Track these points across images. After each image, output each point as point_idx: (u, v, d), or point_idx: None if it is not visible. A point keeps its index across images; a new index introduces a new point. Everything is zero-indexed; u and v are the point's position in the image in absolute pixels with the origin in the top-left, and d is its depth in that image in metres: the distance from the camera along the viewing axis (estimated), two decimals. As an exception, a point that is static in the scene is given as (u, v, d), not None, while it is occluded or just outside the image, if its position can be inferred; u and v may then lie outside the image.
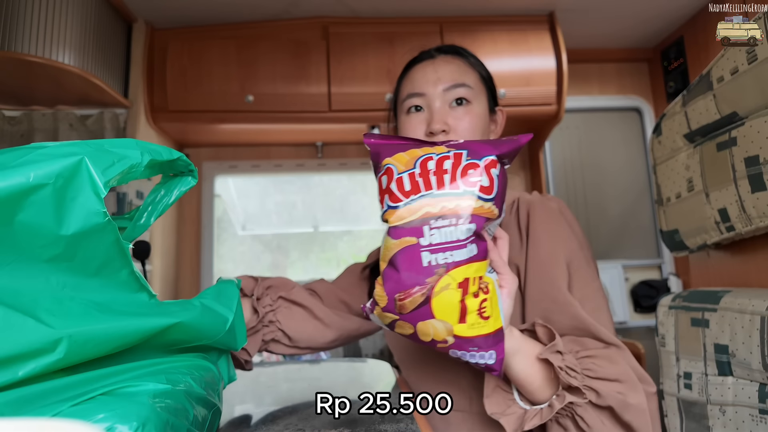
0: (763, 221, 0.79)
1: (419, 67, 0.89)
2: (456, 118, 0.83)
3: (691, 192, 0.93)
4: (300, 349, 0.86)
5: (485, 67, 0.92)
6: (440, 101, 0.84)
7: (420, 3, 2.06)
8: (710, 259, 1.01)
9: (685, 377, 0.90)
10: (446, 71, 0.85)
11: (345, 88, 2.07)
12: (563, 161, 2.58)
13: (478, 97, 0.85)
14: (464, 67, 0.87)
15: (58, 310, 0.39)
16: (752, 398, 0.79)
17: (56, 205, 0.39)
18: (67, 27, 1.61)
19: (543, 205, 0.80)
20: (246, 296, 0.82)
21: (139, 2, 1.92)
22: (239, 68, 2.04)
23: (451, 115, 0.83)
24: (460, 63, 0.88)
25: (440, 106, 0.84)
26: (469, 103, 0.84)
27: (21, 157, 0.38)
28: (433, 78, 0.85)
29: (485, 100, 0.88)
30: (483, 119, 0.85)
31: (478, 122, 0.84)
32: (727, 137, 0.83)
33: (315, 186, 2.67)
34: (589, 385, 0.61)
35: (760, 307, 0.76)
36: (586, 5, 2.13)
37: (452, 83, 0.84)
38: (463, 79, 0.85)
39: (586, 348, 0.67)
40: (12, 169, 0.37)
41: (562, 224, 0.79)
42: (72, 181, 0.40)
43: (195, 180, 0.57)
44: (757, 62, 0.76)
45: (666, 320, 0.95)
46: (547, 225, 0.78)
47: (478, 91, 0.86)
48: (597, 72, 2.61)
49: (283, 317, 0.84)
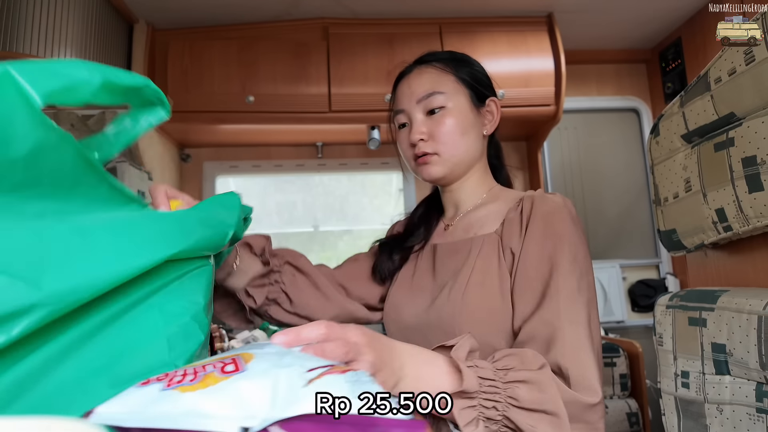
0: (760, 221, 0.79)
1: (401, 83, 0.94)
2: (433, 126, 0.88)
3: (688, 192, 0.94)
4: (299, 318, 0.91)
5: (467, 63, 0.94)
6: (418, 113, 0.89)
7: (419, 4, 2.07)
8: (708, 258, 1.02)
9: (683, 376, 0.91)
10: (418, 84, 0.90)
11: (345, 88, 2.08)
12: (562, 161, 2.59)
13: (454, 98, 0.88)
14: (436, 74, 0.90)
15: (36, 259, 0.35)
16: (749, 397, 0.80)
17: None
18: (69, 27, 1.62)
19: (546, 202, 0.81)
20: (254, 254, 0.89)
21: (141, 3, 1.92)
22: (240, 69, 2.04)
23: (426, 124, 0.88)
24: (432, 71, 0.91)
25: (419, 118, 0.89)
26: (443, 108, 0.88)
27: None
28: (407, 93, 0.91)
29: (465, 99, 0.90)
30: (465, 117, 0.89)
31: (457, 123, 0.87)
32: (725, 138, 0.84)
33: (315, 186, 2.68)
34: (509, 416, 0.58)
35: (757, 307, 0.77)
36: (585, 7, 2.14)
37: (424, 94, 0.88)
38: (435, 86, 0.88)
39: (522, 366, 0.62)
40: None
41: (565, 221, 0.79)
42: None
43: (166, 112, 0.52)
44: (755, 63, 0.77)
45: (663, 319, 0.96)
46: (549, 222, 0.78)
47: (453, 93, 0.89)
48: (595, 73, 2.62)
49: (287, 281, 0.90)
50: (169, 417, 0.31)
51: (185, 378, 0.34)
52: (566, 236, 0.76)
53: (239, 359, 0.37)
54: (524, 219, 0.81)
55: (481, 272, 0.81)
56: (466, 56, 0.96)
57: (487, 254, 0.82)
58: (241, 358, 0.37)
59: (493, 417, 0.58)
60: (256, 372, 0.36)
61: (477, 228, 0.88)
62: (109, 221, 0.41)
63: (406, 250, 0.97)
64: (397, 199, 2.72)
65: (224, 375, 0.35)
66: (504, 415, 0.58)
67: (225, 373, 0.35)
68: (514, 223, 0.82)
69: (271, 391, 0.34)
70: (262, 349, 0.40)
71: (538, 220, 0.79)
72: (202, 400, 0.32)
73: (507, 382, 0.59)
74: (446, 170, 0.89)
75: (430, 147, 0.88)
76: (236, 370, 0.36)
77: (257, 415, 0.32)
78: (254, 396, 0.33)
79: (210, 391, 0.33)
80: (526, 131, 2.43)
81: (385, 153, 2.56)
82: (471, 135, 0.90)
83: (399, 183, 2.69)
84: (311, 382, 0.35)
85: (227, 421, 0.31)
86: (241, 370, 0.36)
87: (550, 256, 0.75)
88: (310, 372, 0.37)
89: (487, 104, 0.93)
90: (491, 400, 0.58)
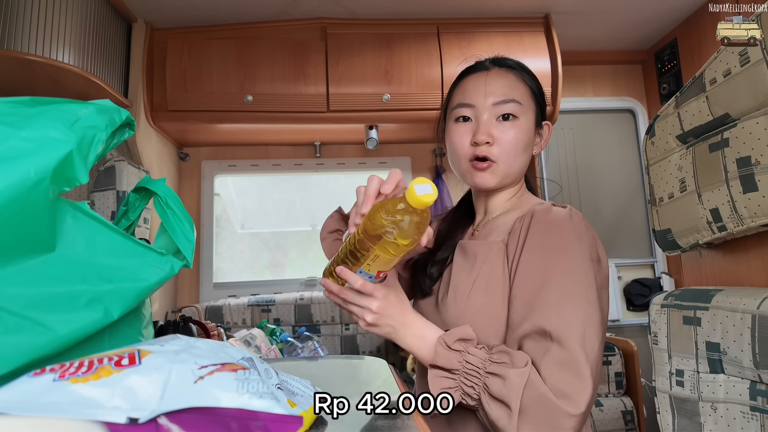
0: (754, 221, 0.80)
1: (472, 77, 0.91)
2: (501, 131, 0.85)
3: (683, 192, 0.94)
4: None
5: (538, 81, 0.93)
6: (488, 114, 0.86)
7: (417, 4, 2.07)
8: (702, 258, 1.03)
9: (677, 375, 0.92)
10: (498, 85, 0.87)
11: (343, 88, 2.08)
12: (558, 161, 2.60)
13: (525, 113, 0.87)
14: (516, 83, 0.89)
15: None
16: (743, 395, 0.81)
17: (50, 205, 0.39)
18: (67, 26, 1.62)
19: (548, 215, 0.79)
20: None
21: (139, 2, 1.92)
22: (238, 68, 2.04)
23: (497, 128, 0.86)
24: (513, 78, 0.89)
25: (487, 119, 0.86)
26: (516, 119, 0.86)
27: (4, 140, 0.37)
28: (484, 91, 0.87)
29: (533, 116, 0.89)
30: (528, 134, 0.87)
31: (522, 137, 0.86)
32: (720, 138, 0.85)
33: (313, 185, 2.68)
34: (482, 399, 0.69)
35: (751, 306, 0.78)
36: (581, 8, 2.15)
37: (502, 98, 0.86)
38: (513, 94, 0.87)
39: (509, 361, 0.69)
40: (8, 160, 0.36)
41: (566, 236, 0.76)
42: (62, 175, 0.40)
43: (132, 131, 0.56)
44: (750, 64, 0.77)
45: (658, 318, 0.96)
46: (547, 236, 0.76)
47: (526, 107, 0.87)
48: (591, 74, 2.63)
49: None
50: (58, 407, 0.33)
51: (79, 370, 0.36)
52: (564, 252, 0.74)
53: (136, 354, 0.39)
54: (523, 232, 0.79)
55: (485, 278, 0.81)
56: (533, 74, 0.95)
57: (493, 261, 0.82)
58: (139, 353, 0.39)
59: (471, 394, 0.70)
60: (150, 367, 0.38)
61: (495, 234, 0.88)
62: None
63: (440, 262, 0.93)
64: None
65: (118, 368, 0.37)
66: (478, 397, 0.69)
67: (119, 366, 0.37)
68: (517, 233, 0.81)
69: (161, 386, 0.36)
70: (163, 347, 0.42)
71: (537, 233, 0.77)
72: (92, 392, 0.35)
73: (487, 371, 0.69)
74: (498, 180, 0.87)
75: (493, 152, 0.85)
76: (131, 364, 0.38)
77: (146, 407, 0.35)
78: (145, 389, 0.36)
79: (101, 383, 0.35)
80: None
81: (382, 152, 2.56)
82: (527, 152, 0.89)
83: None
84: (201, 379, 0.38)
85: (116, 411, 0.34)
86: (135, 364, 0.38)
87: (543, 270, 0.73)
88: (202, 369, 0.39)
89: (543, 126, 0.93)
90: (471, 382, 0.70)
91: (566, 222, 0.77)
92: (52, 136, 0.40)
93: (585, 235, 0.77)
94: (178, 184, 2.42)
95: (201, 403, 0.37)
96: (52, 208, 0.41)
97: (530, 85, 0.90)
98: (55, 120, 0.42)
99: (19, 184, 0.37)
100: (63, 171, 0.40)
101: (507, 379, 0.66)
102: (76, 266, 0.44)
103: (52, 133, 0.40)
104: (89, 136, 0.44)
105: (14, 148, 0.38)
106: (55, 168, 0.39)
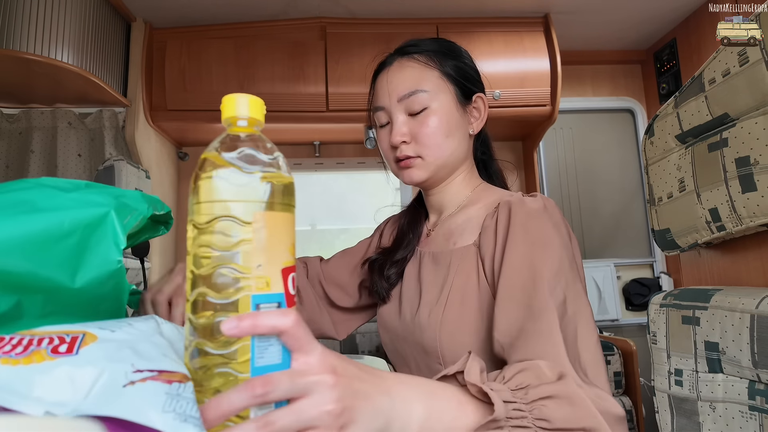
0: (753, 221, 0.80)
1: (380, 76, 0.87)
2: (415, 126, 0.82)
3: (682, 192, 0.94)
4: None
5: (455, 54, 0.87)
6: (399, 112, 0.83)
7: (416, 4, 2.07)
8: (701, 258, 1.03)
9: (676, 374, 0.92)
10: (399, 80, 0.83)
11: (342, 88, 2.08)
12: (557, 161, 2.61)
13: (438, 98, 0.82)
14: (419, 70, 0.83)
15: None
16: (742, 395, 0.81)
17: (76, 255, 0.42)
18: (66, 25, 1.62)
19: (524, 207, 0.73)
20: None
21: (138, 1, 1.92)
22: (237, 68, 2.04)
23: (409, 124, 0.82)
24: (415, 65, 0.83)
25: (400, 118, 0.82)
26: (427, 109, 0.81)
27: (50, 199, 0.41)
28: (387, 90, 0.83)
29: (451, 96, 0.83)
30: (448, 118, 0.82)
31: (440, 124, 0.81)
32: (719, 138, 0.85)
33: (313, 185, 2.68)
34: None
35: (749, 306, 0.78)
36: (581, 8, 2.15)
37: (405, 92, 0.82)
38: (418, 84, 0.81)
39: (540, 381, 0.54)
40: (45, 212, 0.40)
41: (545, 227, 0.71)
42: (95, 232, 0.43)
43: (167, 230, 0.63)
44: (749, 64, 0.77)
45: (657, 318, 0.97)
46: (527, 228, 0.71)
47: (438, 91, 0.82)
48: (591, 73, 2.63)
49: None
50: None
51: (14, 349, 0.35)
52: (547, 243, 0.69)
53: (78, 340, 0.37)
54: (500, 228, 0.73)
55: (459, 290, 0.76)
56: (453, 45, 0.88)
57: (466, 270, 0.77)
58: (82, 340, 0.37)
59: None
60: (85, 360, 0.35)
61: (457, 236, 0.83)
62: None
63: (398, 263, 0.90)
64: (394, 198, 2.73)
65: (52, 355, 0.35)
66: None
67: (54, 353, 0.35)
68: (490, 231, 0.76)
69: (89, 384, 0.34)
70: (113, 333, 0.39)
71: (517, 228, 0.71)
72: (18, 378, 0.33)
73: (530, 402, 0.50)
74: (429, 174, 0.83)
75: (412, 150, 0.82)
76: (67, 352, 0.35)
77: (68, 404, 0.33)
78: (72, 383, 0.34)
79: (30, 369, 0.33)
80: (521, 131, 2.44)
81: (381, 152, 2.56)
82: (456, 136, 0.83)
83: (396, 182, 2.69)
84: (132, 384, 0.34)
85: (34, 403, 0.32)
86: (72, 353, 0.36)
87: (531, 266, 0.67)
88: (136, 373, 0.35)
89: (474, 101, 0.87)
90: (519, 426, 0.48)
91: (542, 212, 0.73)
92: (93, 200, 0.45)
93: (561, 223, 0.74)
94: (178, 184, 2.42)
95: (119, 413, 0.32)
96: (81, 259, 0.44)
97: (439, 66, 0.84)
98: (101, 190, 0.47)
99: (50, 229, 0.41)
100: (101, 228, 0.44)
101: (565, 397, 0.52)
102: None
103: (95, 198, 0.45)
104: (129, 207, 0.48)
105: (58, 204, 0.43)
106: (89, 224, 0.43)
